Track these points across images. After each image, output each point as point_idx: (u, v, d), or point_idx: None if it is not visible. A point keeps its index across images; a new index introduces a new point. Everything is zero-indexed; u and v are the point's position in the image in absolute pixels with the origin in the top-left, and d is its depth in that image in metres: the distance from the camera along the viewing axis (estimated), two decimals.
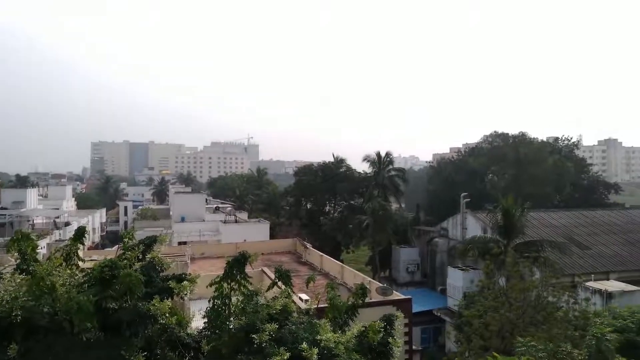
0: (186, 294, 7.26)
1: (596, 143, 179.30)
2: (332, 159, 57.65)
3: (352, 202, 55.72)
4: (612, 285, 25.84)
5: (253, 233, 43.59)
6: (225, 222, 48.55)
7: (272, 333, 6.21)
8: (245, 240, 37.55)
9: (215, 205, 64.33)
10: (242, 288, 6.90)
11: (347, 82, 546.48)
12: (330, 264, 29.48)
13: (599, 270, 31.51)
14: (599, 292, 24.32)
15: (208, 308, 6.80)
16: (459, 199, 39.30)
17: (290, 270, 8.73)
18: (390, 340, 6.99)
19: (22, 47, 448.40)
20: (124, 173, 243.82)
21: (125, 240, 7.88)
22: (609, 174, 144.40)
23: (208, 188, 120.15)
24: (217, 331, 6.58)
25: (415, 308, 25.36)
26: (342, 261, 38.30)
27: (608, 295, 23.89)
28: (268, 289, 7.87)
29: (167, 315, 6.48)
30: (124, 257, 7.26)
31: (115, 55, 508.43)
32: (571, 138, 68.46)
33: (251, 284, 7.18)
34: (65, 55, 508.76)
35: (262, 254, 33.90)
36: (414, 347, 22.76)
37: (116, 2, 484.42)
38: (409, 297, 22.21)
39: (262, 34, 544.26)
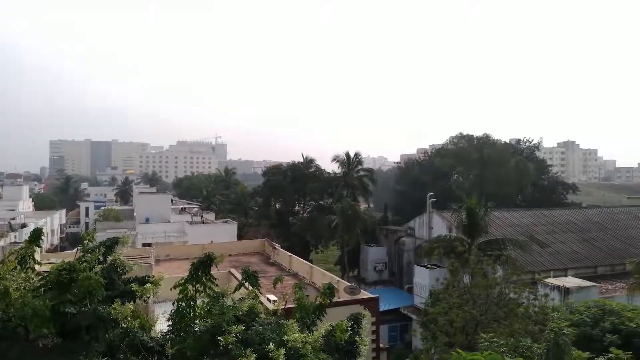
0: (149, 297, 7.10)
1: (556, 145, 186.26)
2: (301, 159, 57.59)
3: (321, 202, 55.82)
4: (570, 281, 26.87)
5: (220, 234, 43.02)
6: (191, 223, 47.77)
7: (238, 334, 6.15)
8: (212, 242, 37.03)
9: (181, 206, 63.20)
10: (207, 290, 6.80)
11: (322, 85, 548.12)
12: (299, 264, 29.44)
13: (557, 267, 32.74)
14: (557, 288, 25.26)
15: (172, 311, 6.67)
16: (426, 198, 40.01)
17: (258, 271, 8.66)
18: (357, 339, 7.04)
19: None
20: (85, 173, 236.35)
21: (85, 242, 7.65)
22: (567, 174, 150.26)
23: (174, 188, 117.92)
24: (181, 334, 6.47)
25: (383, 306, 25.63)
26: (311, 261, 38.33)
27: (566, 291, 24.84)
28: (235, 290, 7.79)
29: (129, 318, 6.32)
30: (83, 259, 7.05)
31: (77, 53, 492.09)
32: (532, 140, 70.95)
33: (217, 285, 7.08)
34: (23, 51, 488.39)
35: (230, 255, 33.69)
36: (381, 345, 22.99)
37: None
38: (377, 295, 22.43)
39: (239, 34, 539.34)
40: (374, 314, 19.99)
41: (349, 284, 23.47)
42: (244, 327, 6.35)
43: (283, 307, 8.36)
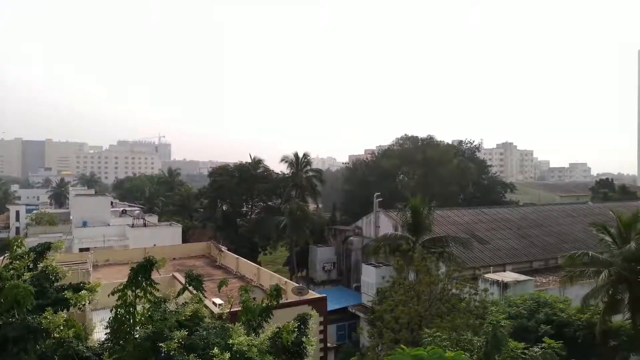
0: (85, 304, 6.74)
1: (495, 146, 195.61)
2: (249, 160, 56.87)
3: (270, 203, 55.41)
4: (508, 276, 28.28)
5: (164, 237, 41.72)
6: (132, 226, 45.91)
7: (181, 340, 5.97)
8: (155, 245, 35.84)
9: (122, 209, 60.66)
10: (148, 295, 6.54)
11: (276, 83, 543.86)
12: (246, 266, 29.09)
13: (496, 262, 34.38)
14: (496, 282, 26.49)
15: (111, 318, 6.36)
16: (373, 198, 40.75)
17: (204, 274, 8.48)
18: (304, 339, 7.01)
19: None
20: (16, 174, 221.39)
21: (14, 248, 7.16)
22: (506, 174, 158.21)
23: (114, 190, 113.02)
24: (120, 342, 6.19)
25: (331, 306, 25.85)
26: (259, 263, 37.97)
27: (504, 286, 26.10)
28: (178, 295, 7.55)
29: (62, 327, 5.96)
30: (11, 267, 6.59)
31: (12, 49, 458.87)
32: (473, 141, 74.19)
33: (159, 290, 6.83)
34: None
35: (174, 258, 32.82)
36: (329, 344, 23.15)
37: None
38: (324, 295, 22.57)
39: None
40: (322, 313, 20.12)
41: (296, 284, 23.46)
42: (187, 332, 6.18)
43: (229, 310, 8.21)
